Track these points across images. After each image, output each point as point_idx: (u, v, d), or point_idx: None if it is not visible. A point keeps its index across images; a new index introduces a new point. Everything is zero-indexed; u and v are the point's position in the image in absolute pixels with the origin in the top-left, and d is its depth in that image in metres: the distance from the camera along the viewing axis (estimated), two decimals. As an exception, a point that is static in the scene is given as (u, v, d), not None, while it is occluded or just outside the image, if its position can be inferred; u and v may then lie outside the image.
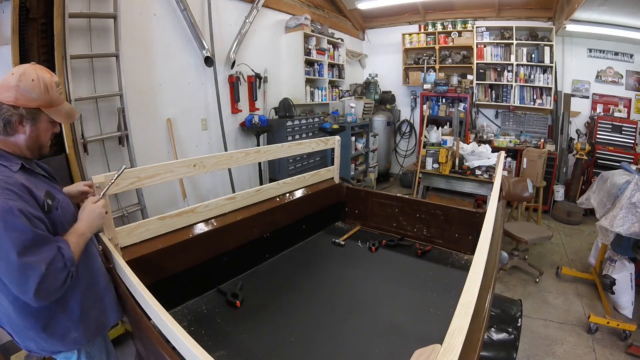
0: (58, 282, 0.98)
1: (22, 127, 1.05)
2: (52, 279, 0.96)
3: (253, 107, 4.24)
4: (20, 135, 1.06)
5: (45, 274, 0.93)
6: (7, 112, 1.01)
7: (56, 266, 0.97)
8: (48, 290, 0.96)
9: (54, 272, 0.96)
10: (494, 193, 1.72)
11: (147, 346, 1.13)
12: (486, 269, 1.01)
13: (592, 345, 2.42)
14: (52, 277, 0.96)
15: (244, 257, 2.04)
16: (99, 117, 2.71)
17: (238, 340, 1.49)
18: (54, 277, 0.96)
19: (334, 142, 2.63)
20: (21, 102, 1.02)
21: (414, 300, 1.80)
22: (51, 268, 0.95)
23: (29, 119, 1.04)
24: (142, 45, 3.01)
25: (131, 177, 1.44)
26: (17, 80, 1.01)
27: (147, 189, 2.87)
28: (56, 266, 0.97)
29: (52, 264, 0.96)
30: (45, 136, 1.12)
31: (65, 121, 1.14)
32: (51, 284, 0.96)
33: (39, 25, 2.22)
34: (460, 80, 5.71)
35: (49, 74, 1.09)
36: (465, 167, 3.94)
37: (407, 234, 2.48)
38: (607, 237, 2.55)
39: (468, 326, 0.72)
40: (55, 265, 0.96)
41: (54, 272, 0.96)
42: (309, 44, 4.80)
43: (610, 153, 4.72)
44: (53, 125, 1.13)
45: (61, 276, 0.98)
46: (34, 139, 1.08)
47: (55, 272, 0.97)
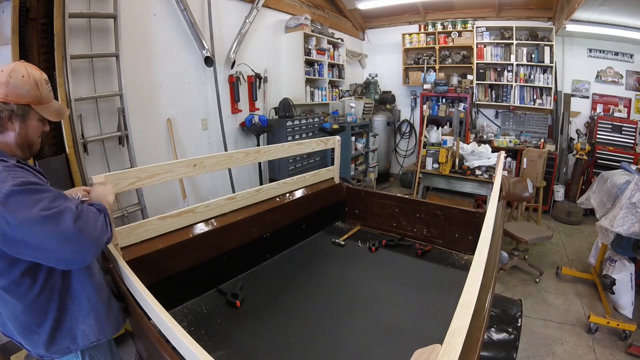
0: (98, 219, 1.00)
1: (12, 124, 1.04)
2: (88, 214, 0.98)
3: (253, 107, 4.24)
4: (9, 132, 1.04)
5: (78, 211, 0.95)
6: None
7: (87, 207, 1.00)
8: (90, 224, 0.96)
9: (87, 209, 0.99)
10: (494, 193, 1.72)
11: (147, 346, 1.14)
12: (486, 269, 1.01)
13: (592, 345, 2.42)
14: (88, 212, 0.98)
15: (244, 257, 2.04)
16: (99, 117, 2.71)
17: (238, 340, 1.49)
18: (89, 213, 0.98)
19: (334, 142, 2.63)
20: (11, 98, 1.01)
21: (414, 300, 1.80)
22: (81, 207, 0.97)
23: (19, 115, 1.03)
24: (142, 45, 3.01)
25: (131, 177, 1.44)
26: (7, 77, 1.01)
27: (147, 189, 2.87)
28: (87, 207, 1.00)
29: (80, 206, 0.98)
30: (34, 134, 1.10)
31: (55, 118, 1.13)
32: (90, 218, 0.98)
33: (39, 25, 2.22)
34: (460, 80, 5.71)
35: (39, 71, 1.08)
36: (465, 167, 3.95)
37: (407, 234, 2.48)
38: (607, 237, 2.55)
39: (468, 326, 0.72)
40: (84, 207, 0.99)
41: (87, 209, 0.99)
42: (309, 44, 4.80)
43: (610, 153, 4.72)
44: (43, 123, 1.12)
45: (99, 217, 1.01)
46: (24, 137, 1.07)
47: (88, 210, 0.99)
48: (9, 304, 1.04)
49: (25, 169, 1.00)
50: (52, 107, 1.12)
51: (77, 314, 1.13)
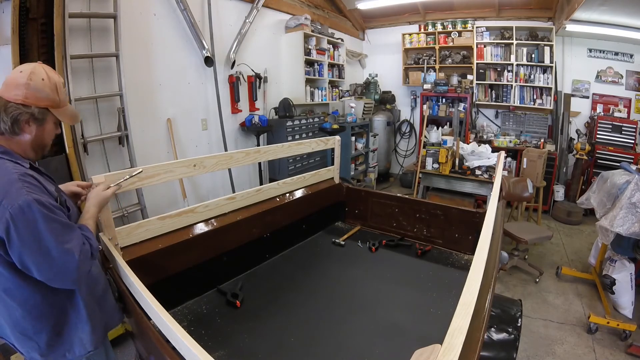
0: (87, 267, 1.03)
1: (29, 127, 1.03)
2: (84, 263, 1.01)
3: (253, 107, 4.24)
4: (26, 135, 1.03)
5: (80, 261, 0.98)
6: (15, 111, 0.98)
7: (86, 252, 1.02)
8: (82, 274, 1.01)
9: (85, 255, 1.01)
10: (494, 193, 1.72)
11: (147, 346, 1.13)
12: (486, 269, 1.01)
13: (592, 345, 2.42)
14: (84, 261, 1.01)
15: (244, 257, 2.04)
16: (99, 117, 2.71)
17: (238, 340, 1.49)
18: (85, 261, 1.01)
19: (334, 142, 2.63)
20: (30, 100, 1.00)
21: (414, 300, 1.80)
22: (82, 252, 1.00)
23: (38, 118, 1.03)
24: (142, 45, 3.01)
25: (131, 177, 1.44)
26: (27, 79, 1.00)
27: (147, 189, 2.87)
28: (86, 252, 1.02)
29: (82, 249, 1.00)
30: (49, 137, 1.11)
31: (70, 122, 1.15)
32: (84, 267, 1.01)
33: (39, 25, 2.22)
34: (460, 80, 5.70)
35: (57, 75, 1.09)
36: (465, 167, 3.94)
37: (407, 234, 2.48)
38: (607, 237, 2.55)
39: (468, 326, 0.72)
40: (85, 250, 1.02)
41: (85, 255, 1.01)
42: (309, 44, 4.80)
43: (610, 153, 4.72)
44: (56, 126, 1.13)
45: (89, 262, 1.04)
46: (40, 139, 1.07)
47: (86, 256, 1.02)
48: (9, 308, 1.03)
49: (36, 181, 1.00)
50: (67, 111, 1.12)
51: (75, 321, 1.13)
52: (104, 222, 1.37)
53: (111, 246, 1.35)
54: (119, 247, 1.46)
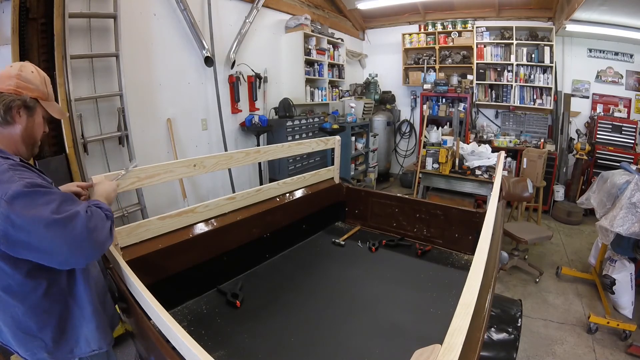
0: (104, 229, 0.99)
1: (20, 117, 1.06)
2: (98, 224, 0.97)
3: (253, 107, 4.24)
4: (17, 125, 1.06)
5: (88, 218, 0.94)
6: (8, 98, 1.02)
7: (96, 213, 0.99)
8: (100, 234, 0.96)
9: (96, 217, 0.98)
10: (494, 193, 1.72)
11: (147, 346, 1.13)
12: (486, 269, 1.01)
13: (592, 345, 2.42)
14: (98, 222, 0.97)
15: (244, 257, 2.04)
16: (99, 117, 2.71)
17: (238, 340, 1.49)
18: (99, 223, 0.97)
19: (334, 142, 2.63)
20: (22, 90, 1.05)
21: (414, 300, 1.80)
22: (91, 212, 0.97)
23: (28, 107, 1.07)
24: (142, 45, 3.01)
25: (131, 177, 1.44)
26: (18, 70, 1.06)
27: (147, 189, 2.87)
28: (96, 213, 0.99)
29: (89, 211, 0.97)
30: (39, 131, 1.13)
31: (58, 116, 1.17)
32: (100, 229, 0.97)
33: (39, 25, 2.22)
34: (460, 80, 5.70)
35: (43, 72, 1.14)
36: (465, 167, 3.94)
37: (407, 234, 2.48)
38: (607, 237, 2.55)
39: (468, 326, 0.72)
40: (95, 212, 0.98)
41: (97, 217, 0.98)
42: (309, 44, 4.80)
43: (610, 153, 4.72)
44: (45, 122, 1.16)
45: (106, 223, 1.00)
46: (30, 132, 1.09)
47: (98, 218, 0.98)
48: (9, 307, 1.02)
49: (29, 169, 1.00)
50: (55, 106, 1.17)
51: (80, 317, 1.12)
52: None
53: (111, 246, 1.35)
54: (119, 247, 1.46)
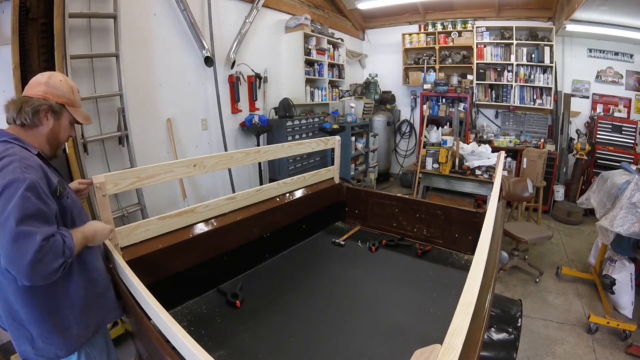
0: (53, 264, 0.94)
1: (47, 120, 1.15)
2: (48, 257, 0.93)
3: (253, 107, 4.24)
4: (43, 127, 1.15)
5: (41, 247, 0.91)
6: (36, 102, 1.12)
7: (54, 246, 0.95)
8: (42, 267, 0.92)
9: (51, 249, 0.94)
10: (494, 193, 1.72)
11: (147, 346, 1.13)
12: (486, 269, 1.01)
13: (592, 345, 2.42)
14: (49, 255, 0.93)
15: (244, 257, 2.04)
16: (99, 117, 2.71)
17: (238, 340, 1.49)
18: (50, 255, 0.94)
19: (334, 142, 2.63)
20: (50, 96, 1.15)
21: (414, 300, 1.80)
22: (48, 245, 0.93)
23: (55, 112, 1.16)
24: (142, 45, 3.01)
25: (131, 177, 1.44)
26: (47, 78, 1.17)
27: (147, 189, 2.87)
28: (54, 246, 0.95)
29: (49, 240, 0.94)
30: (64, 134, 1.22)
31: (84, 122, 1.26)
32: (46, 262, 0.93)
33: (39, 25, 2.22)
34: (460, 80, 5.70)
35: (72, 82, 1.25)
36: (465, 167, 3.94)
37: (407, 234, 2.48)
38: (607, 237, 2.55)
39: (468, 326, 0.72)
40: (53, 244, 0.94)
41: (51, 250, 0.94)
42: (309, 44, 4.80)
43: (610, 153, 4.72)
44: (71, 127, 1.24)
45: (58, 260, 0.95)
46: (55, 133, 1.18)
47: (53, 250, 0.94)
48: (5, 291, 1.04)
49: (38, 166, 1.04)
50: (82, 113, 1.27)
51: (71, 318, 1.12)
52: (104, 222, 1.37)
53: (111, 246, 1.35)
54: (119, 247, 1.46)
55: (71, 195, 1.18)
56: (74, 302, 1.13)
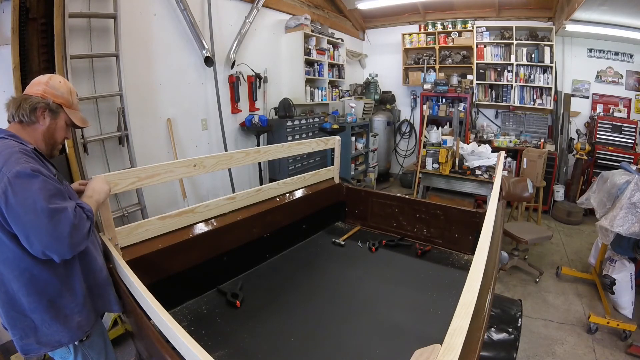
0: (84, 228, 1.06)
1: (44, 118, 1.17)
2: (81, 223, 1.04)
3: (253, 107, 4.24)
4: (40, 125, 1.17)
5: (74, 216, 1.02)
6: (35, 99, 1.15)
7: (80, 213, 1.06)
8: (79, 234, 1.03)
9: (80, 216, 1.05)
10: (494, 193, 1.72)
11: (147, 346, 1.13)
12: (486, 269, 1.01)
13: (592, 345, 2.42)
14: (81, 221, 1.05)
15: (244, 257, 2.05)
16: (99, 117, 2.71)
17: (238, 340, 1.49)
18: (82, 221, 1.05)
19: (334, 142, 2.63)
20: (48, 95, 1.17)
21: (414, 300, 1.80)
22: (77, 214, 1.04)
23: (52, 110, 1.18)
24: (142, 45, 3.01)
25: (131, 177, 1.44)
26: (47, 79, 1.20)
27: (147, 189, 2.87)
28: (80, 213, 1.06)
29: (76, 210, 1.04)
30: (60, 134, 1.23)
31: (80, 124, 1.28)
32: (81, 228, 1.04)
33: (39, 25, 2.22)
34: (460, 80, 5.70)
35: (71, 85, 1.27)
36: (465, 167, 3.94)
37: (407, 234, 2.48)
38: (607, 237, 2.55)
39: (468, 326, 0.72)
40: (79, 213, 1.05)
41: (81, 217, 1.05)
42: (309, 44, 4.80)
43: (610, 153, 4.71)
44: (67, 128, 1.26)
45: (87, 224, 1.07)
46: (51, 132, 1.20)
47: (82, 217, 1.06)
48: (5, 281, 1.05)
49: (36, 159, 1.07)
50: (79, 114, 1.29)
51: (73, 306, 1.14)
52: (104, 222, 1.37)
53: (111, 246, 1.36)
54: (119, 247, 1.46)
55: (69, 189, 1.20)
56: (75, 289, 1.14)
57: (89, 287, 1.19)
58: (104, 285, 1.25)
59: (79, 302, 1.15)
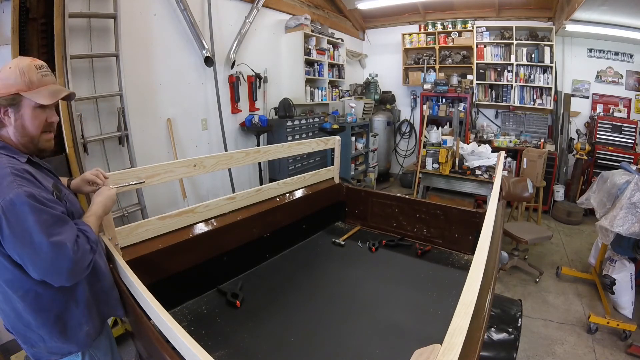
0: (86, 261, 1.00)
1: (7, 118, 1.02)
2: (83, 257, 0.99)
3: (253, 107, 4.24)
4: (8, 127, 1.04)
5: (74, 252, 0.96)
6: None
7: (82, 246, 1.00)
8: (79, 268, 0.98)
9: (81, 250, 0.99)
10: (494, 193, 1.72)
11: (147, 346, 1.13)
12: (486, 269, 1.01)
13: (592, 345, 2.42)
14: (84, 255, 0.99)
15: (244, 257, 2.04)
16: (99, 117, 2.71)
17: (238, 340, 1.49)
18: (84, 255, 0.99)
19: (334, 142, 2.63)
20: (2, 91, 1.00)
21: (414, 300, 1.80)
22: (78, 247, 0.98)
23: (10, 105, 1.01)
24: (142, 45, 3.01)
25: (131, 177, 1.44)
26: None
27: (147, 189, 2.87)
28: (82, 246, 1.00)
29: (78, 243, 0.98)
30: (31, 124, 1.05)
31: (48, 101, 1.05)
32: (82, 262, 0.99)
33: (39, 25, 2.22)
34: (460, 80, 5.70)
35: (29, 59, 1.06)
36: (465, 167, 3.94)
37: (407, 234, 2.47)
38: (607, 237, 2.55)
39: (468, 326, 0.72)
40: (81, 245, 0.99)
41: (81, 250, 0.99)
42: (309, 44, 4.80)
43: (610, 153, 4.72)
44: (42, 110, 1.06)
45: (89, 256, 1.01)
46: (21, 129, 1.04)
47: (83, 250, 0.99)
48: (11, 300, 1.03)
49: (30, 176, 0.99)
50: (44, 91, 1.05)
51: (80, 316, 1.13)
52: (104, 222, 1.37)
53: (111, 246, 1.35)
54: (119, 247, 1.46)
55: (68, 197, 1.14)
56: (81, 300, 1.13)
57: (94, 294, 1.17)
58: (109, 291, 1.24)
59: (85, 313, 1.14)
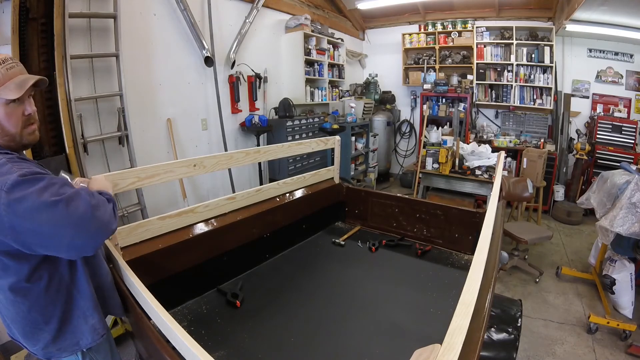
0: (106, 209, 0.97)
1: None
2: (99, 203, 0.96)
3: (253, 107, 4.24)
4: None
5: (90, 194, 0.94)
6: None
7: (96, 195, 0.97)
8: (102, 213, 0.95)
9: (97, 198, 0.96)
10: (494, 193, 1.72)
11: (147, 346, 1.13)
12: (486, 269, 1.01)
13: (592, 345, 2.42)
14: (99, 202, 0.96)
15: (244, 257, 2.04)
16: (99, 117, 2.71)
17: (238, 340, 1.49)
18: (98, 202, 0.96)
19: (334, 142, 2.63)
20: None
21: (414, 300, 1.80)
22: (94, 195, 0.96)
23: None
24: (142, 45, 3.01)
25: (131, 177, 1.44)
26: None
27: (147, 189, 2.87)
28: (96, 195, 0.97)
29: (90, 193, 0.96)
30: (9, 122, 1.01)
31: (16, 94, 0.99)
32: (101, 208, 0.95)
33: (39, 25, 2.22)
34: (460, 80, 5.71)
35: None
36: (465, 167, 3.94)
37: (407, 234, 2.47)
38: (607, 237, 2.55)
39: (468, 326, 0.72)
40: (96, 195, 0.97)
41: (97, 198, 0.96)
42: (309, 44, 4.80)
43: (610, 153, 4.72)
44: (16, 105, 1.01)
45: (107, 205, 0.99)
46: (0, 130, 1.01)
47: (98, 199, 0.97)
48: (15, 304, 1.02)
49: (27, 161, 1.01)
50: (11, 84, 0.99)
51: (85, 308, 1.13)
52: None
53: (111, 246, 1.35)
54: (119, 247, 1.46)
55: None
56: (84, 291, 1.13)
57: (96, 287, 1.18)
58: (110, 289, 1.24)
59: (90, 305, 1.14)
